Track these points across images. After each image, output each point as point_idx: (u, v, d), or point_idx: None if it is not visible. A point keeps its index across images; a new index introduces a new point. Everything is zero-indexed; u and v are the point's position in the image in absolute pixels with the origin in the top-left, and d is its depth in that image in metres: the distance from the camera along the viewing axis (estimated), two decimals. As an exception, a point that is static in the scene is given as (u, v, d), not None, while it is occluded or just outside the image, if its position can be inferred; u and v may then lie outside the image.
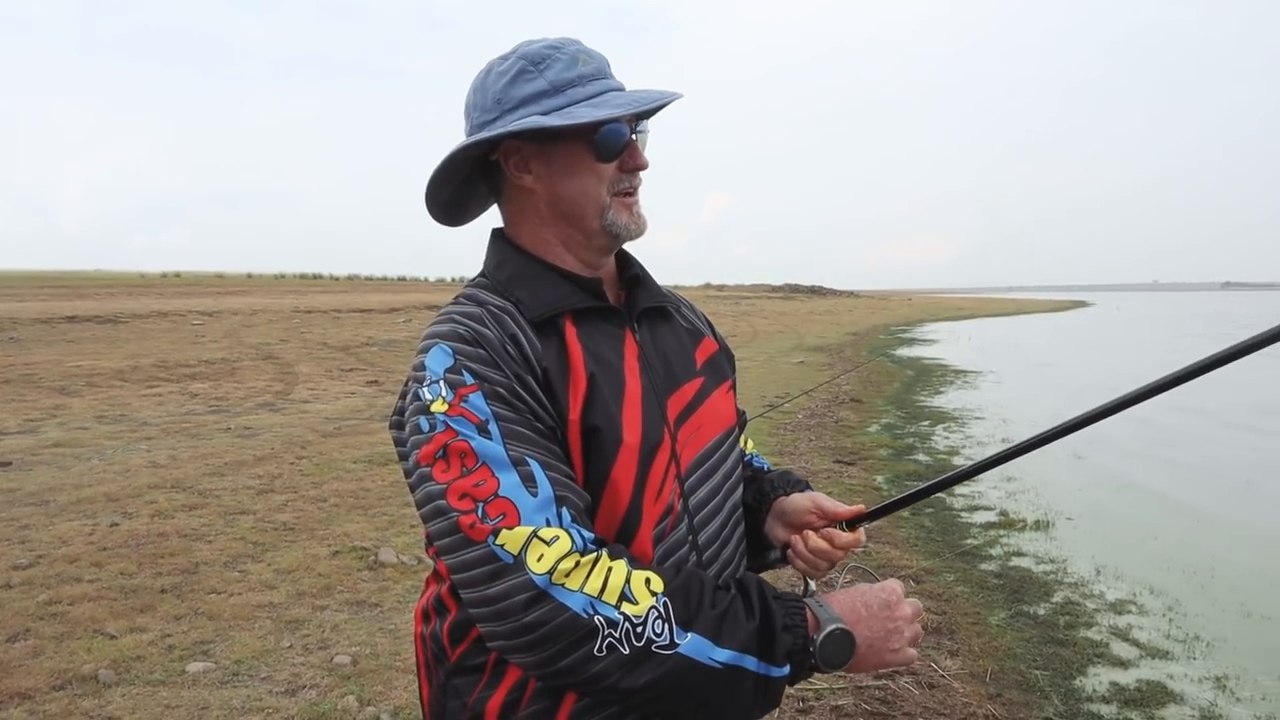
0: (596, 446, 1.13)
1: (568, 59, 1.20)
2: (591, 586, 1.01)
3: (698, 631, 1.03)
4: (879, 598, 1.15)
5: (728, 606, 1.06)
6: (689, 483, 1.23)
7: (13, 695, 3.53)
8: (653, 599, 1.03)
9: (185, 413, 10.90)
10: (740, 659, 1.04)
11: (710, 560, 1.24)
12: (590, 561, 1.03)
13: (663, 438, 1.19)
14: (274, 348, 18.78)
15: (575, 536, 1.03)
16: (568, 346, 1.16)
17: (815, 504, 1.34)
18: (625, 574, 1.03)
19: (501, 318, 1.15)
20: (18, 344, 17.44)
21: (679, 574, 1.09)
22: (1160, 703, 3.88)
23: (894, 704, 3.70)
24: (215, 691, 3.61)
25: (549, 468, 1.07)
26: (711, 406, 1.31)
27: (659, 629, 1.01)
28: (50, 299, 29.21)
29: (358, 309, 29.46)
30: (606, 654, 1.00)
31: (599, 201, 1.21)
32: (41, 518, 5.99)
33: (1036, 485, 8.03)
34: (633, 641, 1.00)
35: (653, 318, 1.32)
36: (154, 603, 4.52)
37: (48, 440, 8.84)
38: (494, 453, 1.04)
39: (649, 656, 1.01)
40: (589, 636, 0.99)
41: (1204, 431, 11.17)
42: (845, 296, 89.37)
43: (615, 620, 1.00)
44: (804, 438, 10.04)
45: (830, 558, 1.30)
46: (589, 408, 1.13)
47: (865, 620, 1.12)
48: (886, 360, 21.61)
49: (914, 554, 5.82)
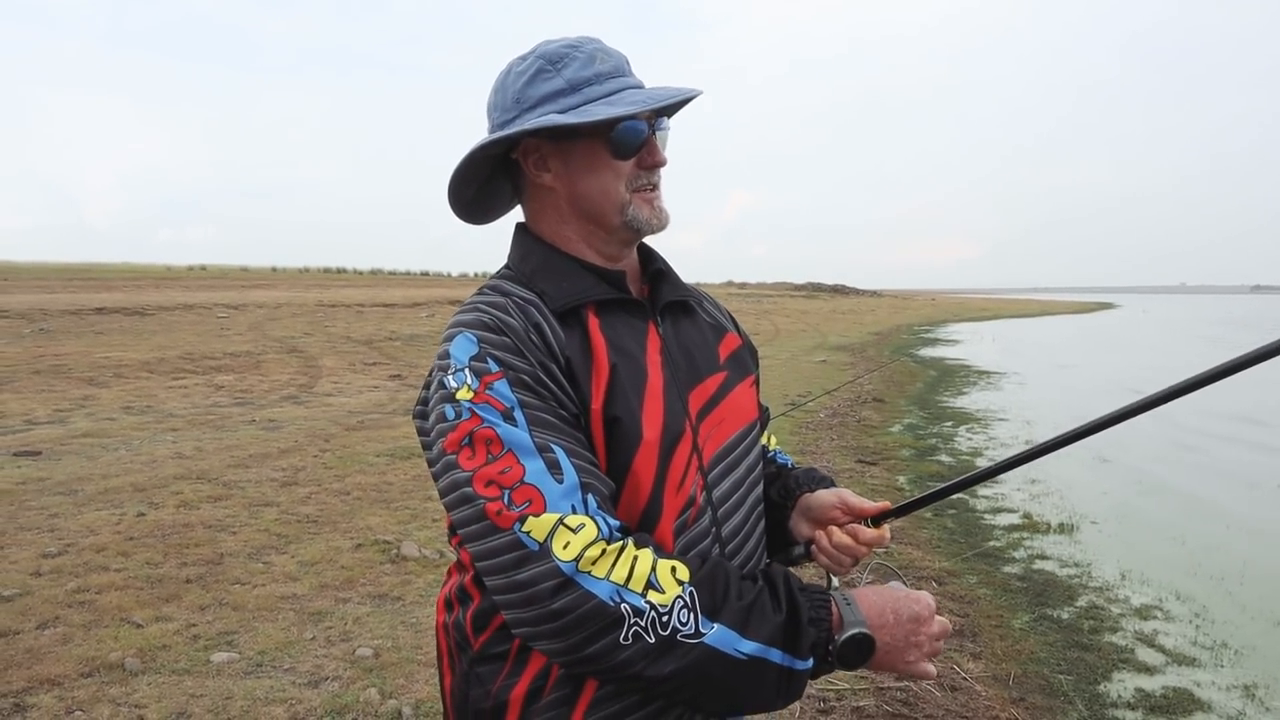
0: (618, 436, 1.13)
1: (585, 58, 1.20)
2: (618, 574, 1.01)
3: (724, 622, 1.03)
4: (910, 609, 1.14)
5: (755, 598, 1.06)
6: (712, 475, 1.23)
7: (43, 681, 3.58)
8: (679, 588, 1.03)
9: (210, 405, 11.01)
10: (766, 651, 1.04)
11: (734, 552, 1.24)
12: (616, 549, 1.03)
13: (684, 430, 1.19)
14: (298, 341, 18.94)
15: (601, 524, 1.04)
16: (590, 337, 1.17)
17: (841, 500, 1.35)
18: (651, 562, 1.04)
19: (526, 308, 1.17)
20: (48, 335, 17.70)
21: (704, 564, 1.09)
22: (1187, 710, 3.83)
23: (916, 705, 3.68)
24: (239, 682, 3.64)
25: (574, 455, 1.07)
26: (734, 401, 1.31)
27: (685, 618, 1.02)
28: (79, 291, 29.60)
29: (381, 303, 29.64)
30: (632, 642, 1.00)
31: (618, 198, 1.22)
32: (70, 507, 6.08)
33: (1060, 488, 7.95)
34: (658, 630, 1.01)
35: (675, 312, 1.32)
36: (179, 592, 4.57)
37: (76, 430, 8.96)
38: (519, 439, 1.05)
39: (675, 646, 1.01)
40: (615, 624, 1.00)
41: (1233, 435, 11.01)
42: (868, 296, 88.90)
43: (641, 609, 1.01)
44: (826, 436, 10.00)
45: (854, 554, 1.31)
46: (611, 398, 1.13)
47: (890, 627, 1.12)
48: (909, 360, 21.47)
49: (936, 555, 5.78)
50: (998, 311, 63.75)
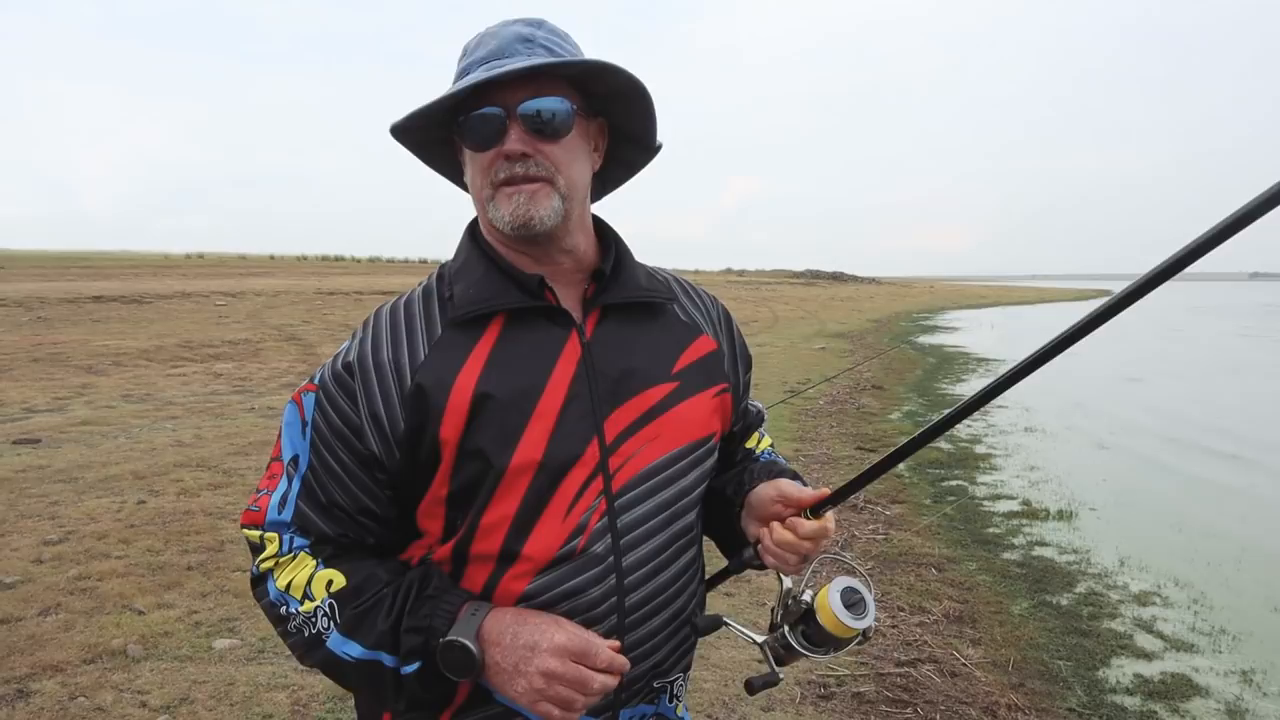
0: (473, 466, 1.11)
1: (478, 41, 1.15)
2: (281, 582, 1.14)
3: (340, 628, 1.10)
4: (528, 637, 1.08)
5: (370, 605, 1.11)
6: (623, 500, 1.16)
7: (45, 668, 3.59)
8: (325, 597, 1.11)
9: (209, 392, 11.01)
10: (374, 655, 1.09)
11: (639, 582, 1.18)
12: (288, 559, 1.14)
13: (580, 453, 1.13)
14: (296, 329, 18.92)
15: (284, 538, 1.15)
16: (466, 359, 1.13)
17: (779, 492, 1.25)
18: (309, 574, 1.13)
19: (410, 325, 1.16)
20: (46, 323, 17.67)
21: (361, 577, 1.12)
22: (1185, 696, 3.85)
23: (915, 691, 3.70)
24: (241, 668, 3.66)
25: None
26: (678, 416, 1.21)
27: (325, 624, 1.11)
28: (76, 279, 29.53)
29: (379, 291, 29.59)
30: (293, 635, 1.14)
31: (481, 194, 1.16)
32: (71, 494, 6.08)
33: (1059, 475, 7.97)
34: (307, 631, 1.12)
35: (621, 314, 1.22)
36: (181, 580, 4.58)
37: (76, 418, 8.96)
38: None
39: (315, 645, 1.12)
40: (280, 620, 1.14)
41: (1231, 423, 11.03)
42: (867, 283, 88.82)
43: (293, 613, 1.13)
44: (825, 424, 10.01)
45: (796, 549, 1.20)
46: (471, 428, 1.10)
47: (503, 647, 1.08)
48: (908, 347, 21.46)
49: (936, 542, 5.80)
50: (997, 299, 63.72)
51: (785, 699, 3.57)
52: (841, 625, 1.17)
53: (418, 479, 1.14)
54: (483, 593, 1.15)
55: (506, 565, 1.13)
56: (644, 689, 1.24)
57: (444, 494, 1.13)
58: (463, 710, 1.17)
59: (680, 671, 1.30)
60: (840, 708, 3.56)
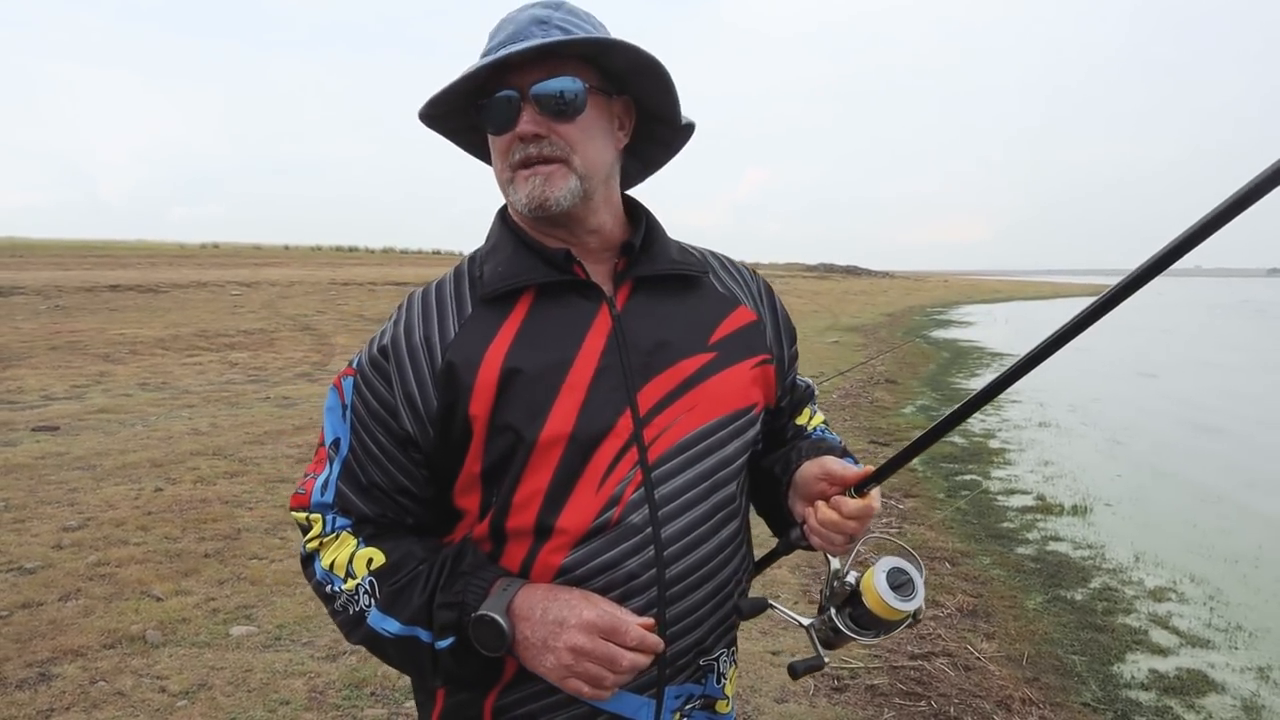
0: (503, 441, 1.11)
1: (499, 26, 1.15)
2: (325, 561, 1.17)
3: (379, 605, 1.12)
4: (557, 613, 1.07)
5: (407, 581, 1.12)
6: (660, 471, 1.14)
7: (66, 652, 3.63)
8: (365, 574, 1.14)
9: (225, 381, 11.08)
10: (411, 630, 1.11)
11: (679, 554, 1.15)
12: (332, 539, 1.18)
13: (612, 425, 1.12)
14: (311, 319, 19.00)
15: (328, 519, 1.19)
16: (496, 333, 1.14)
17: (824, 470, 1.23)
18: (351, 552, 1.15)
19: (442, 306, 1.18)
20: (64, 311, 17.80)
21: (404, 553, 1.14)
22: (1201, 692, 3.84)
23: (929, 684, 3.69)
24: (258, 655, 3.69)
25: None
26: (715, 386, 1.19)
27: (366, 601, 1.13)
28: (94, 268, 29.73)
29: (393, 281, 29.68)
30: (341, 612, 1.16)
31: (502, 177, 1.17)
32: (89, 481, 6.14)
33: (1074, 470, 7.94)
34: (350, 608, 1.15)
35: (653, 287, 1.21)
36: (198, 567, 4.62)
37: (93, 406, 9.04)
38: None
39: (359, 621, 1.14)
40: (328, 599, 1.18)
41: (1248, 419, 10.95)
42: (880, 277, 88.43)
43: (339, 591, 1.15)
44: (839, 418, 9.99)
45: (841, 529, 1.18)
46: (500, 403, 1.11)
47: (533, 622, 1.07)
48: (922, 341, 21.40)
49: (950, 536, 5.79)
50: (1011, 293, 63.39)
51: (799, 690, 3.58)
52: (888, 607, 1.14)
53: (452, 456, 1.14)
54: (521, 568, 1.14)
55: (543, 539, 1.13)
56: (689, 665, 1.20)
57: (478, 470, 1.14)
58: (510, 687, 1.17)
59: (724, 648, 1.26)
60: (854, 700, 3.56)
